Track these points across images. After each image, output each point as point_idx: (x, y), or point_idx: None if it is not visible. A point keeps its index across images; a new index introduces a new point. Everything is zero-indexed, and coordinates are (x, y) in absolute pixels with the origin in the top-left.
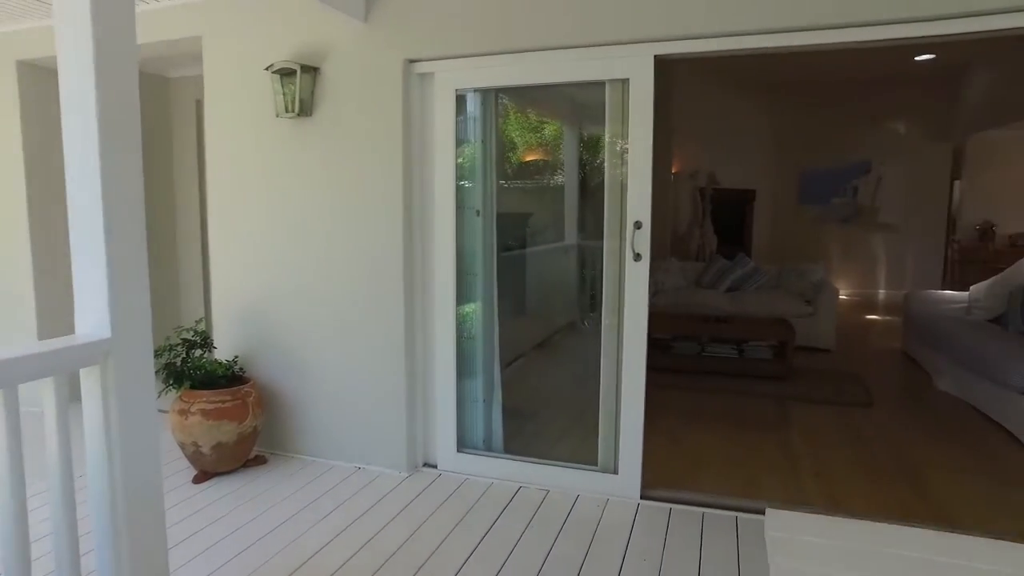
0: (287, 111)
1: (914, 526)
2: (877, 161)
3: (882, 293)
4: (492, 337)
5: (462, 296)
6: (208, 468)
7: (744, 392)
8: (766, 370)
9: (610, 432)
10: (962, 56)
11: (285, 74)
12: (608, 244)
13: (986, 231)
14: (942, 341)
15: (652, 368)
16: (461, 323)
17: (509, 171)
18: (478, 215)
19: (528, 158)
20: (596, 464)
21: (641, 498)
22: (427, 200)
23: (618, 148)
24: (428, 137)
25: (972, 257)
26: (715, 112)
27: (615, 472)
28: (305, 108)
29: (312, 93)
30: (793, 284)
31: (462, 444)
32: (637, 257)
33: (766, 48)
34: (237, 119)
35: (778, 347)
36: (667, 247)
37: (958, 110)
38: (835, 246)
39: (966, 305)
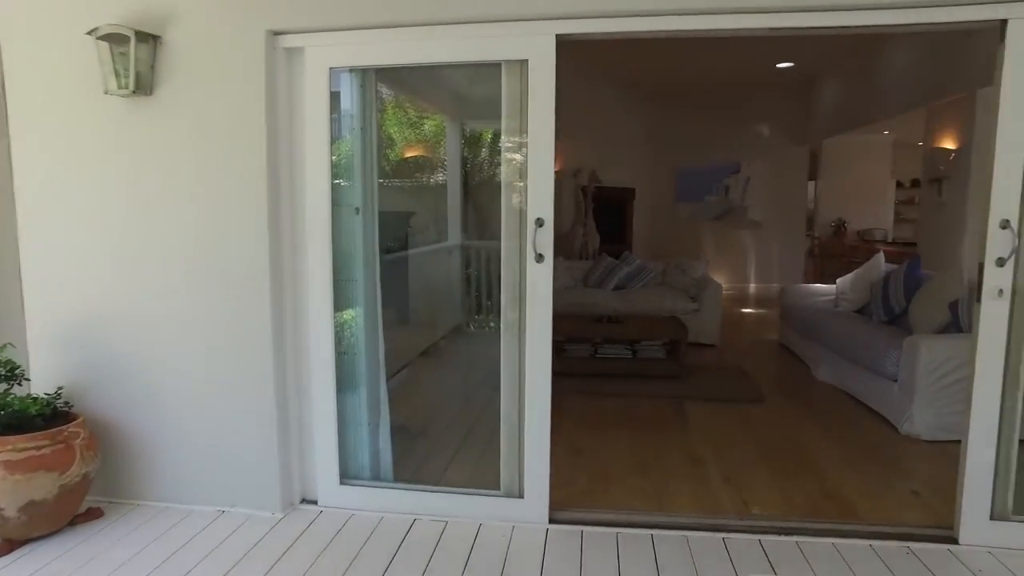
0: (120, 88)
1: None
2: (746, 162)
3: (752, 287)
4: (376, 349)
5: (341, 304)
6: (16, 535)
7: (640, 394)
8: (660, 370)
9: (513, 451)
10: (817, 65)
11: (116, 42)
12: (506, 244)
13: (839, 227)
14: (817, 333)
15: None
16: (340, 335)
17: (389, 168)
18: (358, 213)
19: (410, 153)
20: (499, 488)
21: (550, 522)
22: (298, 196)
23: (516, 140)
24: (298, 123)
25: (830, 252)
26: (596, 111)
27: (520, 496)
28: (143, 85)
29: (152, 67)
30: (677, 281)
31: (345, 475)
32: (539, 258)
33: (672, 31)
34: (51, 99)
35: (670, 346)
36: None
37: (813, 115)
38: (709, 242)
39: (834, 297)
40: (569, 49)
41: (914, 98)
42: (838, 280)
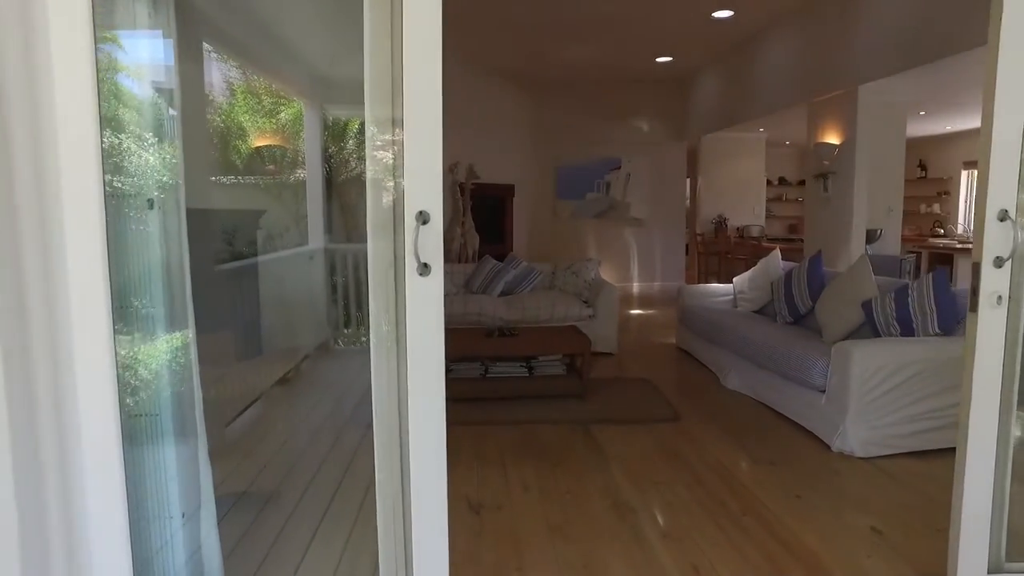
0: None
1: None
2: (626, 158)
3: (636, 286)
4: (191, 401)
5: (130, 343)
6: None
7: (541, 419)
8: (561, 388)
9: (395, 519)
10: (695, 62)
11: None
12: (374, 246)
13: (720, 224)
14: (721, 336)
15: None
16: (132, 391)
17: (239, 161)
18: (152, 207)
19: (262, 143)
20: None
21: None
22: (43, 181)
23: (386, 114)
24: (33, 50)
25: (712, 249)
26: (471, 102)
27: None
28: None
29: None
30: (569, 284)
31: None
32: (424, 269)
33: None
34: None
35: (571, 360)
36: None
37: (692, 111)
38: (592, 241)
39: (732, 297)
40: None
41: (795, 95)
42: (735, 279)
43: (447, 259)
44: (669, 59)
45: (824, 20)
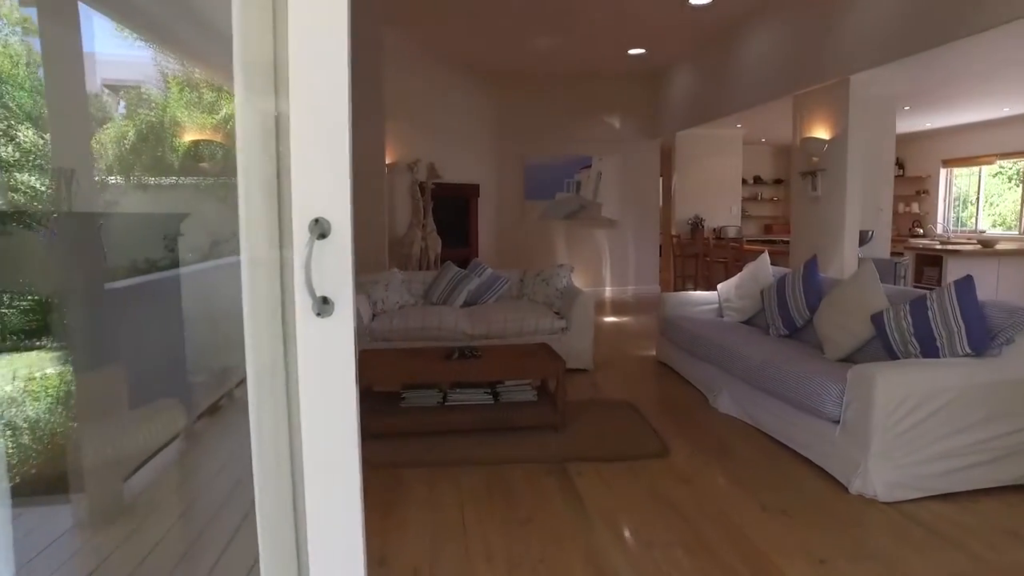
0: None
1: None
2: (597, 156)
3: (608, 290)
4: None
5: None
6: None
7: (509, 457)
8: (532, 418)
9: None
10: (670, 54)
11: None
12: (250, 276)
13: (697, 225)
14: (708, 352)
15: (371, 436)
16: None
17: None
18: None
19: (196, 138)
20: None
21: None
22: None
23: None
24: None
25: (690, 251)
26: (433, 96)
27: None
28: None
29: None
30: (539, 292)
31: None
32: (323, 306)
33: None
34: None
35: (543, 384)
36: (385, 256)
37: (666, 107)
38: (562, 243)
39: (717, 307)
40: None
41: (780, 86)
42: (720, 286)
43: (406, 266)
44: (642, 51)
45: (813, 5)
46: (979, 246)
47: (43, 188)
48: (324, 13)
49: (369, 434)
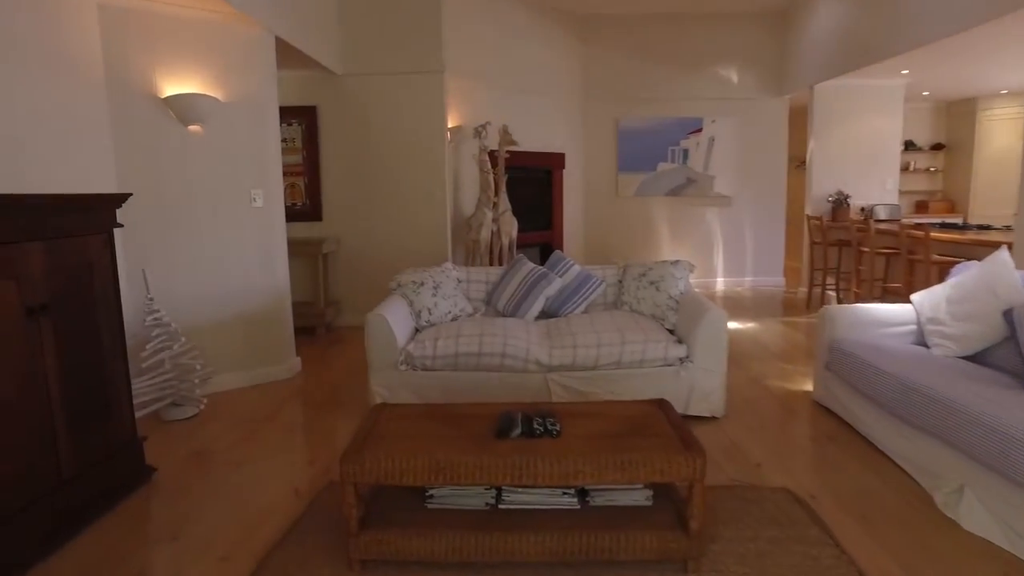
0: None
1: None
2: (709, 118)
3: (720, 283)
4: None
5: None
6: None
7: None
8: (645, 544)
9: None
10: None
11: None
12: None
13: (840, 203)
14: (930, 416)
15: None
16: None
17: None
18: None
19: None
20: None
21: None
22: None
23: None
24: None
25: (833, 238)
26: (505, 45)
27: None
28: None
29: None
30: (645, 300)
31: None
32: None
33: None
34: None
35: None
36: (447, 242)
37: (799, 53)
38: (664, 225)
39: (915, 328)
40: None
41: (987, 6)
42: (919, 299)
43: (472, 258)
44: None
45: None
46: None
47: None
48: None
49: (369, 560)
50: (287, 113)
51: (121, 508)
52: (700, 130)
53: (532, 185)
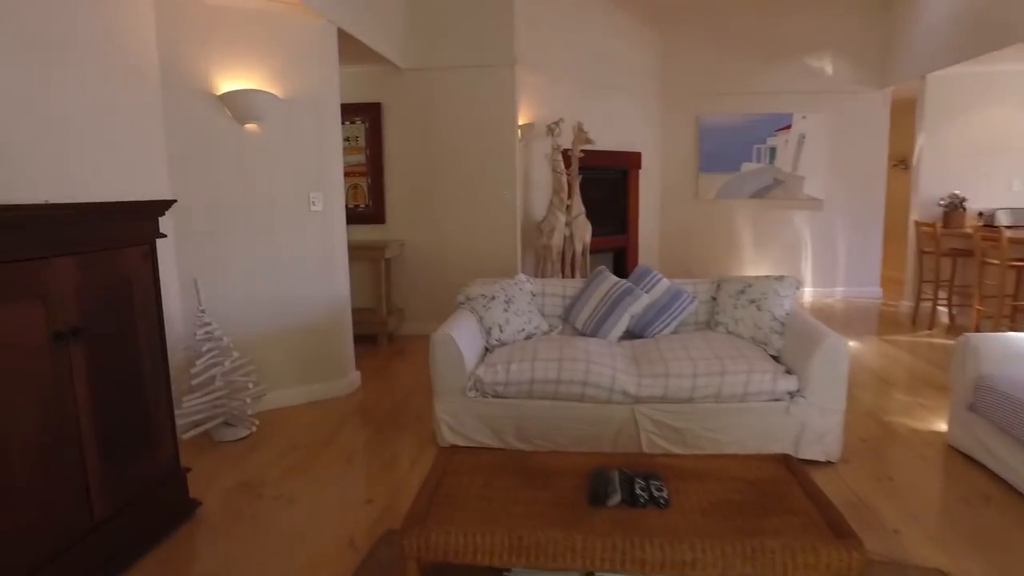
0: None
1: None
2: (799, 113)
3: (809, 293)
4: None
5: None
6: None
7: None
8: None
9: None
10: None
11: None
12: None
13: (954, 207)
14: None
15: None
16: None
17: None
18: None
19: None
20: None
21: None
22: None
23: None
24: None
25: (947, 246)
26: (580, 36)
27: None
28: None
29: None
30: (744, 320)
31: None
32: None
33: None
34: None
35: None
36: (516, 248)
37: (908, 40)
38: (748, 230)
39: None
40: None
41: None
42: None
43: (543, 265)
44: None
45: None
46: None
47: None
48: None
49: None
50: (349, 110)
51: (161, 550)
52: (789, 127)
53: (606, 186)
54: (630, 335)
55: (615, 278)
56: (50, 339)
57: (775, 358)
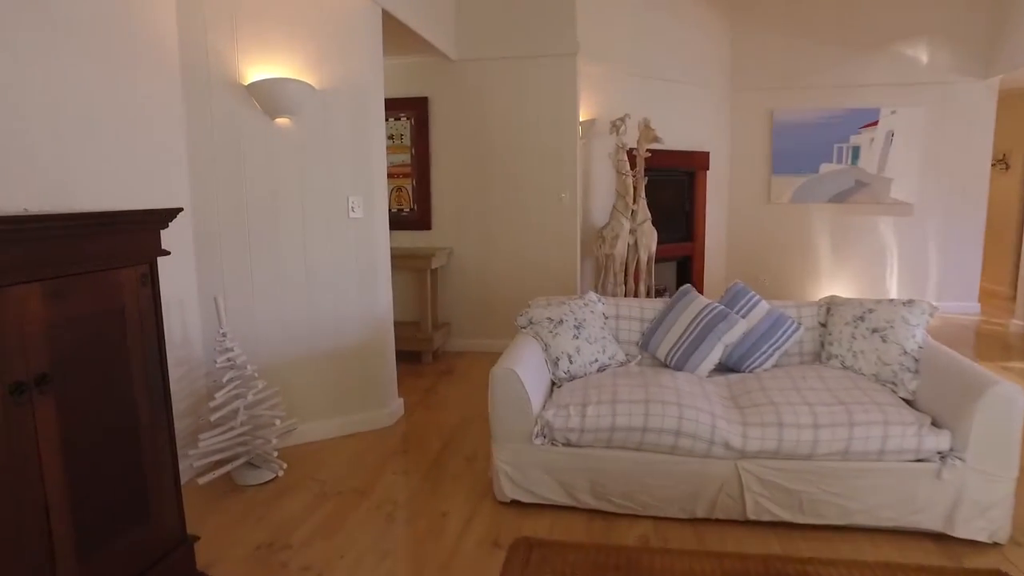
0: None
1: None
2: (887, 108)
3: None
4: None
5: None
6: None
7: None
8: None
9: None
10: None
11: None
12: None
13: None
14: None
15: None
16: None
17: None
18: None
19: None
20: None
21: None
22: None
23: None
24: None
25: None
26: (646, 26)
27: None
28: None
29: None
30: (864, 354)
31: None
32: None
33: None
34: None
35: None
36: (575, 260)
37: (1019, 24)
38: (825, 237)
39: None
40: None
41: None
42: None
43: (603, 279)
44: None
45: None
46: None
47: None
48: None
49: None
50: (393, 106)
51: None
52: (875, 123)
53: (670, 189)
54: (723, 367)
55: (705, 299)
56: (3, 392)
57: (907, 402)
